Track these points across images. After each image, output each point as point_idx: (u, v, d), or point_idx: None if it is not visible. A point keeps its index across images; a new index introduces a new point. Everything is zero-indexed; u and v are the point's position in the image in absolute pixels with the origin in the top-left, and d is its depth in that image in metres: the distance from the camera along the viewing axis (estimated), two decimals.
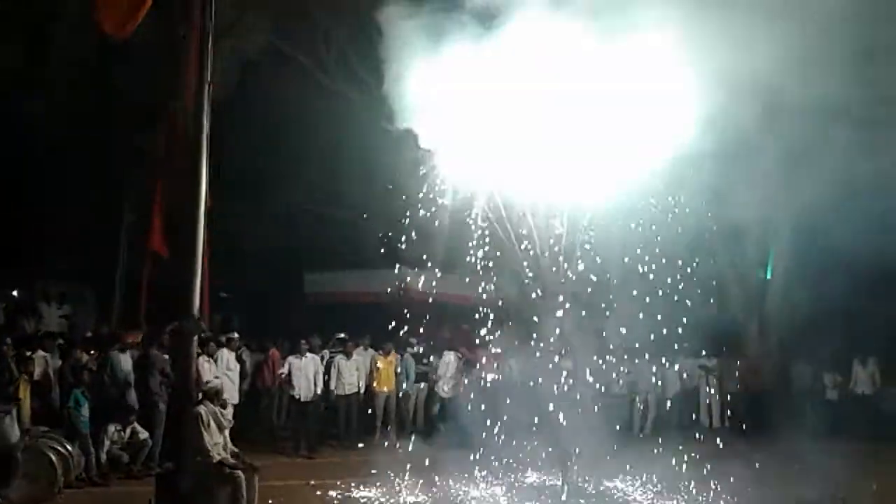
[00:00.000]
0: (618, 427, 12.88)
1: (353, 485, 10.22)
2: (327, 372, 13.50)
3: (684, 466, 10.36)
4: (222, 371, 11.88)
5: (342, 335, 14.21)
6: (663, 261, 11.52)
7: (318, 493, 9.88)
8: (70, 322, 15.26)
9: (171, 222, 10.76)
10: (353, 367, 13.70)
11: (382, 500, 9.64)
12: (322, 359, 13.47)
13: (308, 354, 12.99)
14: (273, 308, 20.57)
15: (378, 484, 10.29)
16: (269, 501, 9.12)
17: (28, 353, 10.49)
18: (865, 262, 16.23)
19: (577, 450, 10.18)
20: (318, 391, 13.03)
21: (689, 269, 12.70)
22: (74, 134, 16.69)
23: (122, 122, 16.83)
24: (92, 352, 11.56)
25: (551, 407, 10.61)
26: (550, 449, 10.44)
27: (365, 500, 9.62)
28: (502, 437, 11.33)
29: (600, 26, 9.12)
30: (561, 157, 9.47)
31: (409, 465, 10.92)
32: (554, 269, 10.61)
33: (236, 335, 12.80)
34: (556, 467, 10.27)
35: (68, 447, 9.42)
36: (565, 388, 11.86)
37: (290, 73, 17.30)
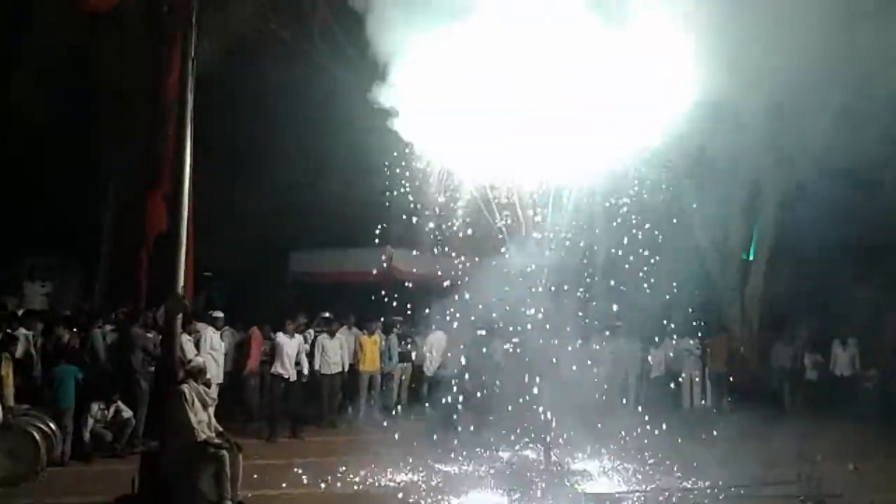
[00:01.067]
0: (601, 406, 12.94)
1: (338, 463, 10.26)
2: (311, 351, 13.51)
3: (665, 445, 10.47)
4: (206, 351, 11.81)
5: (327, 314, 14.20)
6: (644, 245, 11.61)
7: (303, 471, 9.90)
8: (51, 299, 15.17)
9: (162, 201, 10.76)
10: (336, 346, 13.70)
11: (368, 478, 9.68)
12: (306, 338, 13.44)
13: (294, 335, 12.83)
14: (257, 287, 20.52)
15: (363, 462, 10.34)
16: (266, 478, 9.20)
17: (10, 332, 10.45)
18: (847, 245, 16.40)
19: (560, 428, 10.27)
20: (304, 370, 12.94)
21: (672, 251, 12.80)
22: (57, 112, 16.51)
23: (105, 98, 16.65)
24: (74, 329, 11.52)
25: (536, 386, 10.68)
26: (534, 427, 10.49)
27: (350, 478, 9.65)
28: (488, 415, 11.41)
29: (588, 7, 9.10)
30: (546, 136, 9.46)
31: (393, 444, 10.99)
32: (538, 247, 10.66)
33: (221, 314, 12.73)
34: (540, 445, 10.35)
35: (51, 425, 9.39)
36: (550, 367, 11.94)
37: (277, 49, 17.12)
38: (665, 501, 8.80)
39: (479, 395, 11.71)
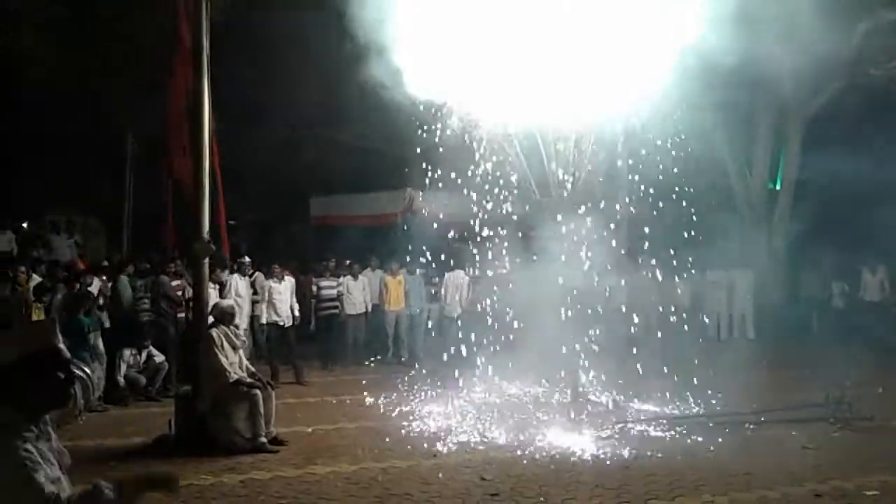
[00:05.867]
0: (626, 338, 12.98)
1: (367, 400, 10.42)
2: (338, 296, 13.74)
3: (692, 377, 10.49)
4: (232, 296, 11.89)
5: (348, 262, 14.36)
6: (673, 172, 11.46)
7: (333, 409, 10.08)
8: (81, 251, 15.37)
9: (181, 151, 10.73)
10: (360, 287, 13.89)
11: (396, 413, 9.82)
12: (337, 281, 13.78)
13: (286, 278, 12.64)
14: (280, 233, 20.64)
15: (391, 399, 10.49)
16: (298, 415, 9.41)
17: (42, 281, 10.62)
18: (875, 170, 16.13)
19: (586, 360, 10.32)
20: (296, 313, 12.69)
21: (698, 182, 12.63)
22: (74, 65, 16.47)
23: (120, 49, 16.56)
24: (104, 277, 11.68)
25: (558, 323, 10.69)
26: (557, 364, 10.55)
27: (379, 414, 9.80)
28: (510, 353, 11.49)
29: None
30: (568, 69, 9.29)
31: (420, 381, 11.13)
32: (560, 183, 10.56)
33: (247, 259, 12.82)
34: (564, 382, 10.43)
35: (87, 371, 9.54)
36: (573, 303, 11.93)
37: None
38: (695, 426, 8.84)
39: (503, 333, 11.78)
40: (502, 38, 9.12)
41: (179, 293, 11.56)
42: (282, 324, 12.38)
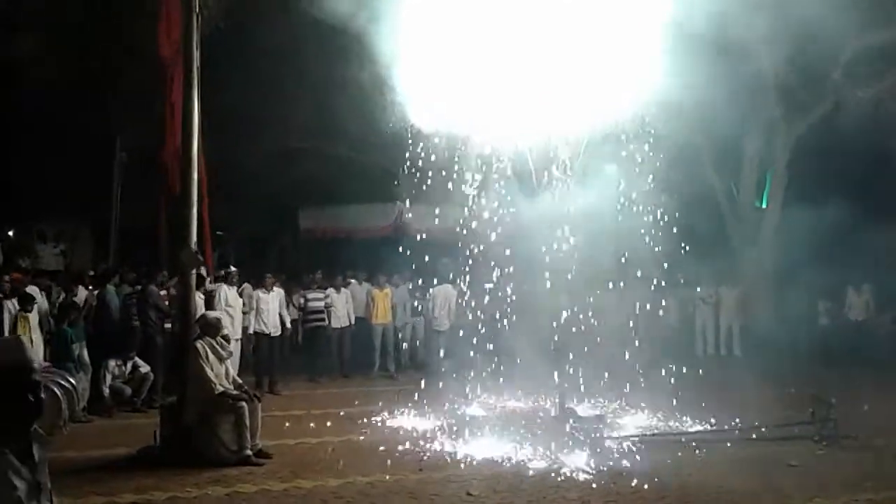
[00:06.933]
0: (612, 353, 13.01)
1: (352, 413, 10.38)
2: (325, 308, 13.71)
3: (678, 390, 10.53)
4: (222, 307, 11.84)
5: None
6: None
7: (319, 421, 10.03)
8: (67, 259, 15.30)
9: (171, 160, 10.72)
10: (343, 300, 13.86)
11: (382, 426, 9.80)
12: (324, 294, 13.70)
13: (274, 289, 12.71)
14: (269, 245, 20.56)
15: (377, 411, 10.46)
16: (284, 428, 9.40)
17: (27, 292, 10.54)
18: (862, 190, 16.26)
19: (573, 375, 10.34)
20: (287, 324, 12.86)
21: (686, 199, 12.69)
22: (64, 74, 16.44)
23: (110, 60, 16.55)
24: (90, 287, 11.62)
25: (546, 337, 10.72)
26: (544, 378, 10.55)
27: (364, 426, 9.76)
28: (498, 367, 11.50)
29: None
30: (552, 89, 9.36)
31: (405, 394, 11.10)
32: (550, 200, 10.62)
33: (233, 269, 12.78)
34: (551, 396, 10.44)
35: (72, 381, 9.47)
36: (561, 318, 11.96)
37: (280, 5, 16.86)
38: (680, 443, 8.85)
39: (491, 347, 11.80)
40: (486, 57, 9.19)
41: (167, 303, 11.52)
42: (268, 333, 12.41)
